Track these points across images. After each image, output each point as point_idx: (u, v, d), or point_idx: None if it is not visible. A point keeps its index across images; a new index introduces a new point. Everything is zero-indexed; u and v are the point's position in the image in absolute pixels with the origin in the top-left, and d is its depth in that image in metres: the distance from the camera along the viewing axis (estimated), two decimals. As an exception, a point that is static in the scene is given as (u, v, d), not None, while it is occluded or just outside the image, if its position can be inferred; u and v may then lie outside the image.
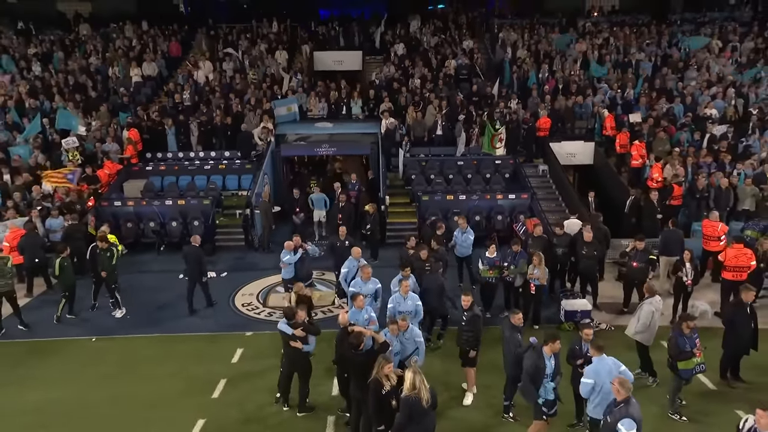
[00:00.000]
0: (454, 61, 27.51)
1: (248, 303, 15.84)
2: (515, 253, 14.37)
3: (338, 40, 30.86)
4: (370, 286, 12.54)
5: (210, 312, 15.47)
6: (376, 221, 18.24)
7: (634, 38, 28.96)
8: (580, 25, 31.25)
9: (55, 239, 17.41)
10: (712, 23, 30.76)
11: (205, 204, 19.81)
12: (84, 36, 30.85)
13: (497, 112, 23.21)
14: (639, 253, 14.27)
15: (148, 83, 27.15)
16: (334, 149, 23.14)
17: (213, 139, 23.37)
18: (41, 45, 29.75)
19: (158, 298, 16.13)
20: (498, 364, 11.04)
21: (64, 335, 14.43)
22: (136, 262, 18.62)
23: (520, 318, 10.60)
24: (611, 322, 14.43)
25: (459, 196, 19.85)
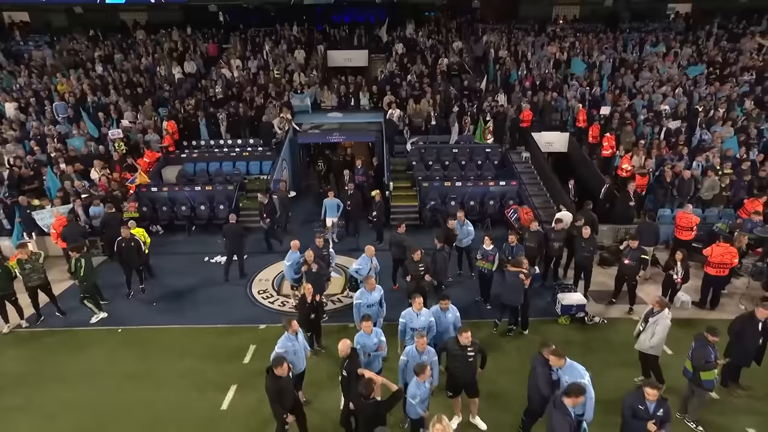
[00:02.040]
0: (446, 59, 23.45)
1: (263, 290, 12.41)
2: (512, 246, 10.91)
3: (350, 40, 26.62)
4: (375, 295, 9.07)
5: (229, 295, 12.17)
6: (382, 207, 14.70)
7: (595, 42, 24.76)
8: (549, 31, 26.98)
9: (96, 225, 14.00)
10: (653, 32, 26.53)
11: (230, 189, 16.20)
12: (139, 40, 26.59)
13: (486, 105, 19.41)
14: (632, 252, 10.79)
15: (189, 79, 23.10)
16: (344, 137, 19.38)
17: (239, 128, 19.54)
18: (105, 48, 25.51)
19: (183, 283, 12.73)
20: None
21: (93, 324, 11.14)
22: (169, 242, 15.20)
23: (554, 351, 7.00)
24: (603, 314, 11.07)
25: (455, 183, 16.20)
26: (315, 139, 20.02)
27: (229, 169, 17.93)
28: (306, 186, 20.53)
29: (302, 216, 17.00)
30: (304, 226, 16.21)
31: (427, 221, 15.64)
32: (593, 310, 11.12)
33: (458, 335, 7.30)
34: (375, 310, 8.96)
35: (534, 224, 11.78)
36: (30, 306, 11.16)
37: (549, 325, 10.74)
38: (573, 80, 21.16)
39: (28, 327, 11.06)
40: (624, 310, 11.18)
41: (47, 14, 29.86)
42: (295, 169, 19.42)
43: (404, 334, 8.24)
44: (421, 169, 17.34)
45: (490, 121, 18.74)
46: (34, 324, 11.15)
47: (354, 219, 15.23)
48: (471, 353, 7.25)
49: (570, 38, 25.36)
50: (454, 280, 12.46)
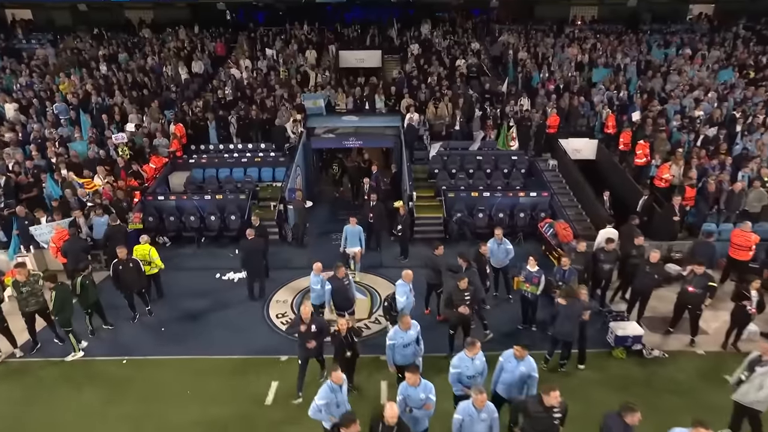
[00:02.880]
0: (464, 60, 22.10)
1: (282, 314, 11.07)
2: (564, 270, 9.59)
3: (362, 40, 25.25)
4: (412, 334, 7.70)
5: (244, 319, 10.83)
6: (408, 221, 13.36)
7: (617, 44, 23.40)
8: (568, 32, 25.60)
9: (99, 237, 12.64)
10: (676, 34, 25.16)
11: (242, 198, 14.84)
12: (145, 39, 25.22)
13: (512, 111, 18.06)
14: (697, 278, 9.46)
15: (196, 80, 21.74)
16: (361, 142, 18.01)
17: (250, 132, 18.19)
18: (109, 47, 24.11)
19: (193, 304, 11.39)
20: None
21: (96, 353, 9.80)
22: (178, 256, 13.81)
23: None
24: (661, 346, 9.76)
25: (483, 193, 14.85)
26: (330, 144, 18.66)
27: (239, 176, 16.59)
28: (319, 191, 19.19)
29: (317, 226, 15.66)
30: (321, 239, 14.88)
31: (453, 234, 14.31)
32: (649, 340, 9.81)
33: (543, 394, 5.97)
34: (411, 351, 7.64)
35: (582, 244, 10.42)
36: (25, 330, 9.83)
37: (604, 359, 9.43)
38: (599, 84, 19.78)
39: (22, 356, 9.73)
40: (684, 341, 9.88)
41: (51, 12, 28.49)
42: (307, 174, 18.08)
43: (457, 384, 6.92)
44: (444, 178, 15.99)
45: (513, 126, 17.40)
46: (29, 353, 9.83)
47: (376, 231, 13.90)
48: (557, 415, 5.94)
49: (590, 40, 23.98)
50: (490, 304, 11.13)
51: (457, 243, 14.19)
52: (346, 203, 17.94)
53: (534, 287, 9.69)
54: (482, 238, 14.35)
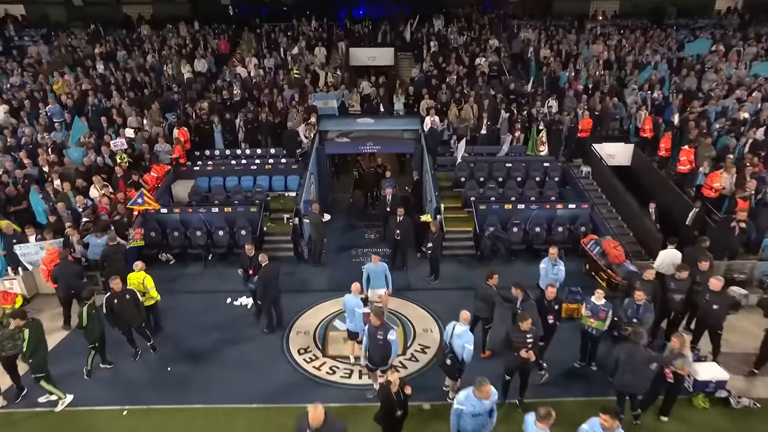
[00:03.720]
0: (483, 58, 20.63)
1: (305, 349, 9.63)
2: (637, 305, 8.18)
3: (374, 36, 23.76)
4: (487, 404, 6.18)
5: (261, 354, 9.42)
6: (440, 239, 11.89)
7: (643, 41, 21.95)
8: (589, 27, 24.13)
9: (95, 257, 11.17)
10: (704, 29, 23.70)
11: (252, 211, 13.37)
12: (144, 36, 23.66)
13: (541, 113, 16.62)
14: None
15: (199, 79, 20.21)
16: (378, 147, 16.53)
17: (258, 136, 16.71)
18: (106, 44, 22.55)
19: (203, 337, 9.93)
20: None
21: (93, 402, 8.35)
22: (183, 276, 12.37)
23: None
24: (747, 392, 8.36)
25: (517, 206, 13.40)
26: (345, 149, 17.22)
27: (248, 185, 15.12)
28: (332, 200, 17.72)
29: (334, 239, 14.22)
30: (339, 255, 13.47)
31: (486, 252, 12.88)
32: (732, 385, 8.39)
33: None
34: (481, 421, 6.19)
35: (650, 272, 8.98)
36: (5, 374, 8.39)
37: (683, 408, 8.02)
38: (632, 83, 18.34)
39: (5, 406, 8.28)
40: (773, 385, 8.48)
41: (44, 7, 26.89)
42: (321, 181, 16.62)
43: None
44: (472, 188, 14.54)
45: (543, 130, 15.97)
46: (14, 402, 8.38)
47: (402, 247, 12.47)
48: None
49: (615, 36, 22.52)
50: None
51: (489, 260, 12.84)
52: (362, 213, 16.49)
53: (600, 323, 8.30)
54: (517, 255, 13.07)
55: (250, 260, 9.96)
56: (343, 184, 19.16)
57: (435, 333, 10.07)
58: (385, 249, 13.47)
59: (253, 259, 9.92)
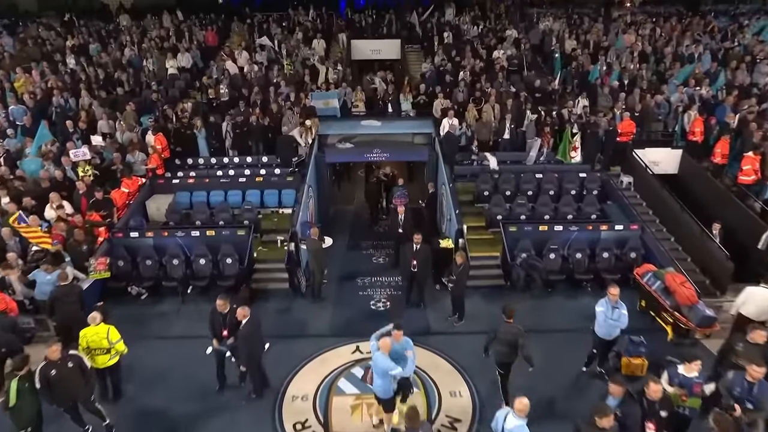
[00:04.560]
0: (502, 51, 18.69)
1: (302, 423, 7.74)
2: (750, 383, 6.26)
3: (378, 27, 21.82)
4: None
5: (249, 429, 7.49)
6: (465, 273, 9.98)
7: (681, 30, 20.00)
8: (616, 16, 22.14)
9: (42, 297, 9.27)
10: (746, 15, 21.71)
11: (240, 235, 11.45)
12: (123, 27, 21.69)
13: (574, 114, 14.71)
14: None
15: (183, 75, 18.26)
16: (387, 154, 14.54)
17: (249, 141, 14.79)
18: (79, 36, 20.57)
19: (176, 406, 8.06)
20: None
21: None
22: (155, 316, 10.47)
23: None
24: None
25: (554, 227, 11.49)
26: (348, 156, 15.29)
27: (236, 200, 13.22)
28: (334, 213, 15.80)
29: (336, 264, 12.34)
30: (343, 286, 11.61)
31: (518, 283, 10.99)
32: None
33: None
34: None
35: (760, 333, 7.04)
36: None
37: None
38: (674, 78, 16.42)
39: None
40: None
41: (13, -7, 24.93)
42: (320, 194, 14.69)
43: None
44: (498, 204, 12.63)
45: (578, 134, 14.06)
46: None
47: (419, 280, 10.58)
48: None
49: (647, 24, 20.57)
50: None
51: (522, 293, 10.96)
52: (368, 228, 14.62)
53: (696, 400, 6.41)
54: (555, 286, 11.19)
55: (224, 318, 8.01)
56: (345, 193, 17.28)
57: (465, 397, 8.22)
58: (396, 278, 11.67)
59: (228, 317, 7.97)
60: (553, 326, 9.91)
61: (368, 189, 15.08)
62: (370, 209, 15.05)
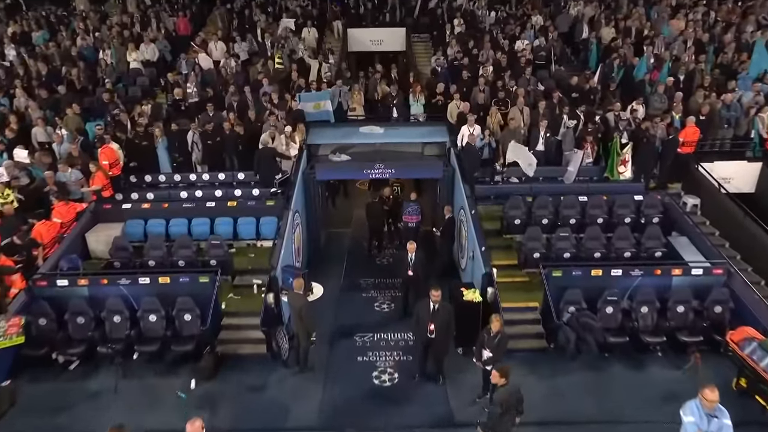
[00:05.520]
0: (527, 41, 16.25)
1: None
2: None
3: (379, 14, 19.38)
4: None
5: None
6: (505, 341, 7.58)
7: (742, 13, 17.53)
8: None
9: None
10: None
11: (204, 283, 9.04)
12: (78, 12, 19.22)
13: (623, 120, 12.28)
14: None
15: (148, 71, 15.83)
16: (392, 170, 12.07)
17: (222, 155, 12.38)
18: (24, 22, 18.11)
19: None
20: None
21: None
22: (83, 400, 8.10)
23: None
24: None
25: (611, 271, 9.06)
26: (344, 173, 12.86)
27: (203, 231, 10.83)
28: (327, 239, 13.42)
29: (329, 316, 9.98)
30: (337, 348, 9.29)
31: (568, 347, 8.59)
32: None
33: None
34: None
35: None
36: None
37: None
38: (742, 73, 13.97)
39: None
40: None
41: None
42: (310, 216, 12.26)
43: None
44: (535, 237, 10.21)
45: (628, 144, 11.66)
46: None
47: (438, 348, 8.19)
48: None
49: (699, 7, 18.07)
50: None
51: (571, 360, 8.59)
52: (368, 261, 12.31)
53: None
54: (614, 351, 8.80)
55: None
56: (341, 212, 14.92)
57: None
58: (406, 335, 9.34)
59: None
60: (613, 413, 7.58)
61: (370, 210, 12.62)
62: (371, 236, 12.68)
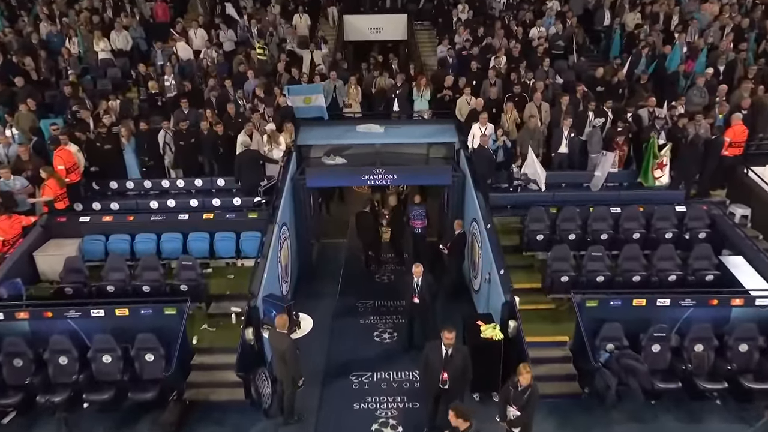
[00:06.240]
0: (542, 28, 14.87)
1: None
2: None
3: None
4: None
5: None
6: (536, 399, 6.23)
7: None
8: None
9: None
10: None
11: (169, 314, 7.67)
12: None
13: (660, 118, 10.90)
14: None
15: (121, 61, 14.42)
16: (393, 176, 10.66)
17: (199, 157, 11.00)
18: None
19: None
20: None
21: None
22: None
23: None
24: None
25: (656, 300, 7.70)
26: (338, 179, 11.47)
27: (174, 248, 9.48)
28: (319, 252, 12.09)
29: (320, 352, 8.67)
30: (330, 391, 7.98)
31: (607, 393, 7.26)
32: None
33: None
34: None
35: None
36: None
37: None
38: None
39: None
40: None
41: None
42: (300, 227, 10.90)
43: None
44: (562, 257, 8.85)
45: (667, 146, 10.30)
46: None
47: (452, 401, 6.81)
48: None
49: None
50: None
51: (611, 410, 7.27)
52: (366, 278, 11.04)
53: None
54: (662, 398, 7.47)
55: None
56: (336, 219, 13.63)
57: None
58: (411, 373, 8.04)
59: None
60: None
61: (359, 221, 11.25)
62: (365, 247, 11.40)
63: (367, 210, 11.16)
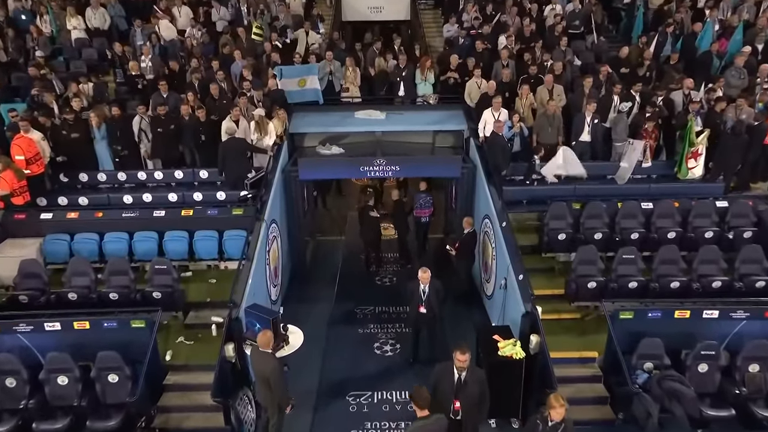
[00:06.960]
0: (558, 6, 13.82)
1: None
2: None
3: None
4: None
5: None
6: None
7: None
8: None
9: None
10: None
11: (137, 327, 6.70)
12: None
13: (696, 102, 9.87)
14: None
15: (98, 41, 13.40)
16: (396, 167, 9.68)
17: (179, 147, 9.99)
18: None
19: None
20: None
21: None
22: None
23: None
24: None
25: (703, 312, 6.72)
26: (333, 170, 10.47)
27: (149, 249, 8.51)
28: (314, 252, 11.16)
29: (314, 366, 7.76)
30: (327, 412, 7.11)
31: (649, 421, 6.30)
32: None
33: None
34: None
35: None
36: None
37: None
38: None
39: None
40: None
41: None
42: (292, 224, 9.96)
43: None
44: (588, 260, 7.84)
45: (705, 133, 9.29)
46: None
47: (467, 426, 5.91)
48: None
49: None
50: None
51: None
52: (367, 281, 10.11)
53: None
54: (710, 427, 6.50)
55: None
56: (334, 214, 12.72)
57: None
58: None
59: None
60: None
61: (362, 216, 10.34)
62: (366, 249, 10.48)
63: (371, 204, 10.29)
